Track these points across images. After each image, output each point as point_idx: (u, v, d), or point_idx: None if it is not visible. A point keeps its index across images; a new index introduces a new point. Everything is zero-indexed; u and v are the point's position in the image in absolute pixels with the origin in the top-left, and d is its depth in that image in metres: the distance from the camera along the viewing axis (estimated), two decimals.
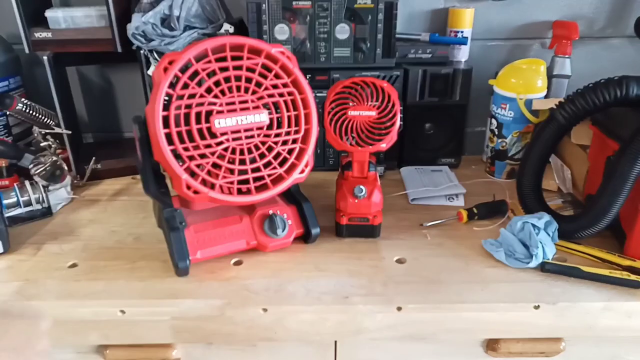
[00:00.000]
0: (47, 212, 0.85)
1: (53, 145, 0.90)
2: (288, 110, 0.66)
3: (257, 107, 0.64)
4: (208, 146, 0.62)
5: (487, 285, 0.67)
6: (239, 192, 0.65)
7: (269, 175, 0.66)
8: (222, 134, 0.62)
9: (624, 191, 0.66)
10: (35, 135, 0.90)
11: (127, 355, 0.70)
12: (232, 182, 0.64)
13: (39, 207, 0.84)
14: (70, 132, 0.94)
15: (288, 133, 0.66)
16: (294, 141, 0.67)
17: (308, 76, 0.94)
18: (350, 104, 0.74)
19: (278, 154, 0.66)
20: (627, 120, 0.71)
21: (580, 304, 0.64)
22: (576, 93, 0.73)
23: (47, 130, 0.90)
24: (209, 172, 0.63)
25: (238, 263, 0.72)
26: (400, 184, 0.97)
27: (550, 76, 0.99)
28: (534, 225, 0.71)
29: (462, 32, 1.02)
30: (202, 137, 0.62)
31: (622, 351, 0.72)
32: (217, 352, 0.71)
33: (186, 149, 0.61)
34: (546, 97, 0.94)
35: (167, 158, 0.61)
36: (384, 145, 0.74)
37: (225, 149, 0.63)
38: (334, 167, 1.00)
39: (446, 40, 1.01)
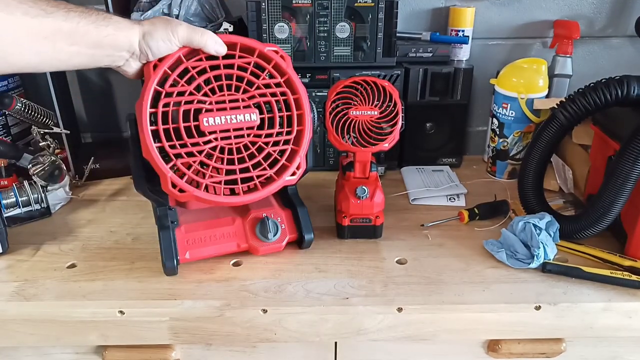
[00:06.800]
0: (45, 212, 0.85)
1: (52, 145, 0.90)
2: (280, 111, 0.64)
3: (247, 107, 0.62)
4: (195, 144, 0.61)
5: (488, 286, 0.67)
6: (229, 192, 0.64)
7: (258, 177, 0.64)
8: (211, 133, 0.61)
9: (625, 191, 0.66)
10: (34, 135, 0.89)
11: (126, 356, 0.69)
12: (219, 182, 0.62)
13: (37, 207, 0.83)
14: (69, 131, 0.93)
15: (279, 134, 0.64)
16: (286, 142, 0.65)
17: (308, 75, 0.94)
18: (352, 103, 0.74)
19: (268, 155, 0.64)
20: (628, 120, 0.70)
21: (581, 304, 0.64)
22: (577, 92, 0.73)
23: (46, 130, 0.90)
24: (197, 172, 0.62)
25: (237, 264, 0.72)
26: (400, 184, 0.97)
27: (551, 76, 0.98)
28: (535, 226, 0.71)
29: (463, 31, 1.02)
30: (190, 136, 0.61)
31: (623, 351, 0.72)
32: (217, 353, 0.71)
33: (173, 147, 0.60)
34: (547, 96, 0.94)
35: (153, 155, 0.60)
36: (386, 145, 0.73)
37: (214, 148, 0.61)
38: (334, 167, 1.00)
39: (447, 39, 1.01)
